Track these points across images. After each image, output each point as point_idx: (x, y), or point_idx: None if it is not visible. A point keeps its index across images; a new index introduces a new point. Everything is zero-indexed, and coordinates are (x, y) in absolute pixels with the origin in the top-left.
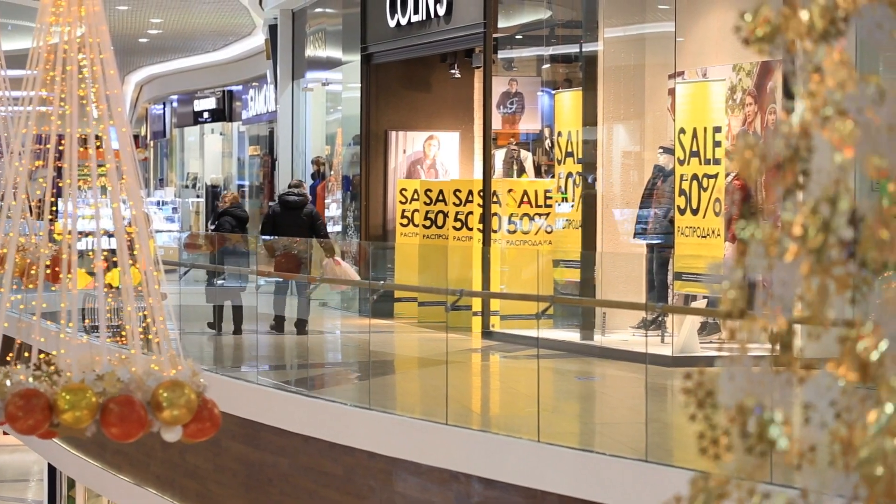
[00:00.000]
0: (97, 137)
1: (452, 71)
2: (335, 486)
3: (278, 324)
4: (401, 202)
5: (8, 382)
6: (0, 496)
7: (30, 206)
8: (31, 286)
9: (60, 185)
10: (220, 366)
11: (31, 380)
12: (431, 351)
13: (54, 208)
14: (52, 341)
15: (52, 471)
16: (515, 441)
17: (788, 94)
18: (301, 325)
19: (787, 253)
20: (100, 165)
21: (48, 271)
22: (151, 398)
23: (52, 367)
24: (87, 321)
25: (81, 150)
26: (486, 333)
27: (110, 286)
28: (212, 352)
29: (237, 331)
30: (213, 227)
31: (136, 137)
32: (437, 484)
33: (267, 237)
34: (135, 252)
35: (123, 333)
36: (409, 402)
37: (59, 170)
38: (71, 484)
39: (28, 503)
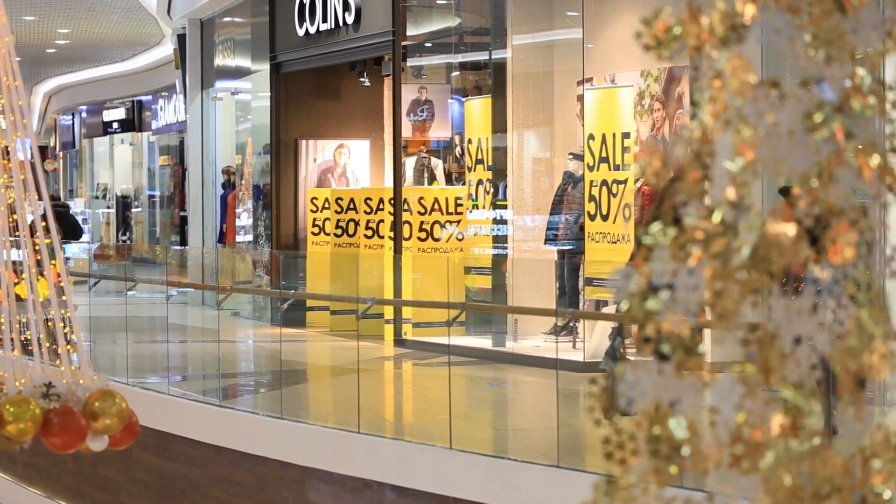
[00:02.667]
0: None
1: (362, 79)
2: (248, 497)
3: None
4: (312, 211)
5: None
6: None
7: None
8: None
9: None
10: (131, 376)
11: None
12: (343, 359)
13: None
14: None
15: None
16: (428, 448)
17: (693, 100)
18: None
19: (691, 258)
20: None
21: None
22: (84, 408)
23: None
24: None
25: None
26: (398, 341)
27: (18, 297)
28: (123, 362)
29: None
30: None
31: (45, 148)
32: (350, 492)
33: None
34: (48, 263)
35: (31, 348)
36: (321, 411)
37: None
38: None
39: None
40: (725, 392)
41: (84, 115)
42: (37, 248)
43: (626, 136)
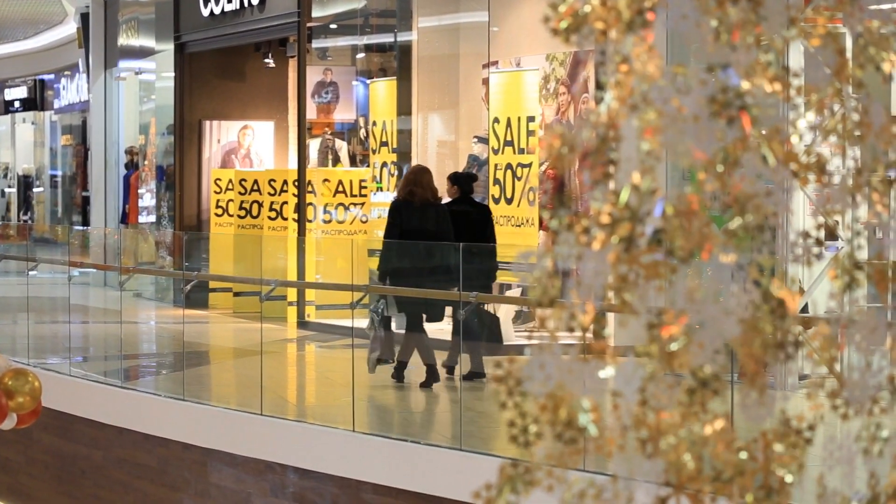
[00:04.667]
0: None
1: (267, 60)
2: (149, 478)
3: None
4: (215, 192)
5: None
6: None
7: None
8: None
9: None
10: (32, 357)
11: None
12: (246, 341)
13: None
14: None
15: None
16: (331, 431)
17: (599, 84)
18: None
19: (596, 241)
20: None
21: None
22: None
23: None
24: None
25: None
26: (302, 323)
27: None
28: (24, 343)
29: None
30: None
31: None
32: (253, 474)
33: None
34: None
35: None
36: (224, 392)
37: None
38: None
39: None
40: (629, 376)
41: None
42: None
43: (531, 119)
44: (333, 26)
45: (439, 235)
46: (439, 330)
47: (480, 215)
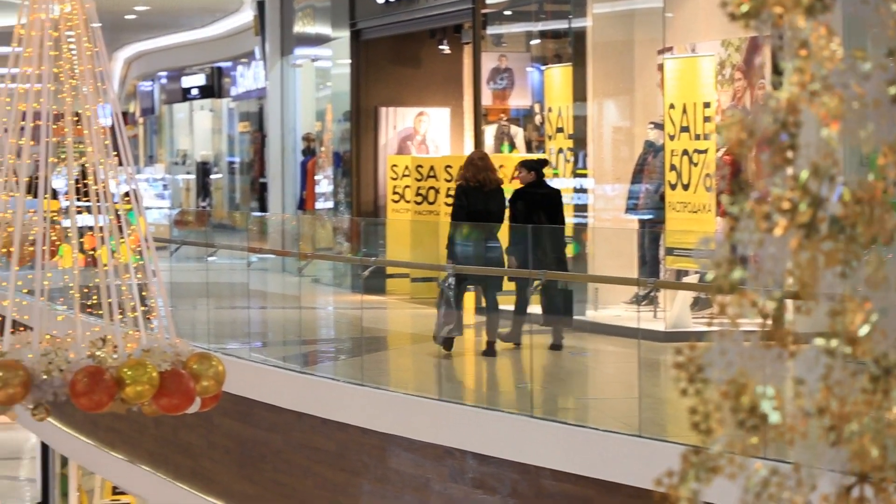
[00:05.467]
0: (77, 114)
1: (442, 47)
2: (328, 463)
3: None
4: (392, 178)
5: (66, 361)
6: None
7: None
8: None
9: (54, 162)
10: (212, 342)
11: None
12: (424, 327)
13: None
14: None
15: (44, 449)
16: (509, 416)
17: (776, 69)
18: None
19: (777, 228)
20: (90, 143)
21: (32, 248)
22: (115, 374)
23: (108, 344)
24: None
25: (74, 127)
26: (479, 309)
27: (97, 263)
28: (203, 328)
29: None
30: None
31: (125, 114)
32: (431, 460)
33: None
34: (127, 229)
35: (120, 311)
36: (402, 377)
37: (53, 148)
38: (64, 462)
39: (20, 481)
40: (811, 363)
41: (164, 81)
42: (119, 213)
43: (706, 105)
44: (508, 13)
45: (500, 217)
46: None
47: (553, 198)
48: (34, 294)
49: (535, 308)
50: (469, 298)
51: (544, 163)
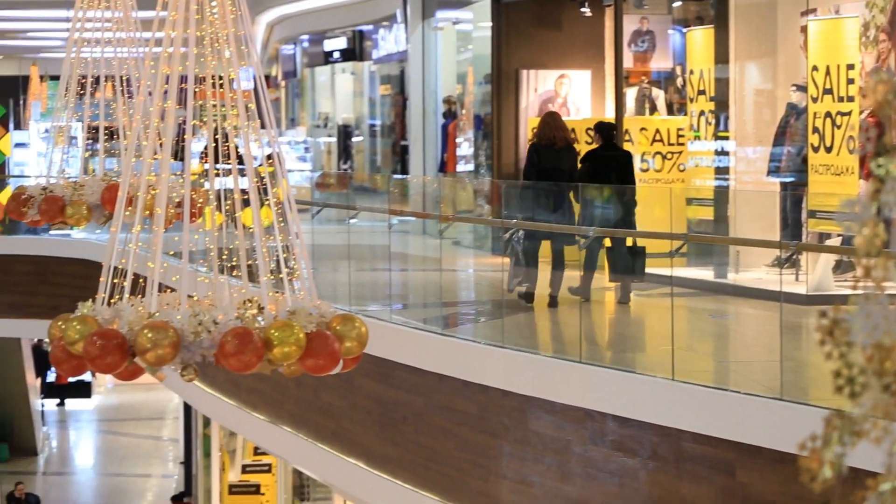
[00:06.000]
0: (220, 77)
1: (583, 9)
2: (469, 425)
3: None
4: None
5: (214, 322)
6: (136, 434)
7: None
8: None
9: (197, 125)
10: (353, 304)
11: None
12: (564, 289)
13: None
14: (193, 281)
15: (187, 409)
16: (650, 379)
17: None
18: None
19: None
20: (233, 106)
21: (177, 210)
22: (263, 336)
23: (254, 306)
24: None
25: (215, 90)
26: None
27: (243, 226)
28: (344, 290)
29: None
30: None
31: (267, 77)
32: (572, 422)
33: None
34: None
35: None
36: (543, 340)
37: (197, 111)
38: (206, 422)
39: (164, 441)
40: None
41: (305, 44)
42: (262, 176)
43: (850, 67)
44: None
45: (571, 175)
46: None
47: (623, 160)
48: (179, 256)
49: (681, 270)
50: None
51: (612, 126)
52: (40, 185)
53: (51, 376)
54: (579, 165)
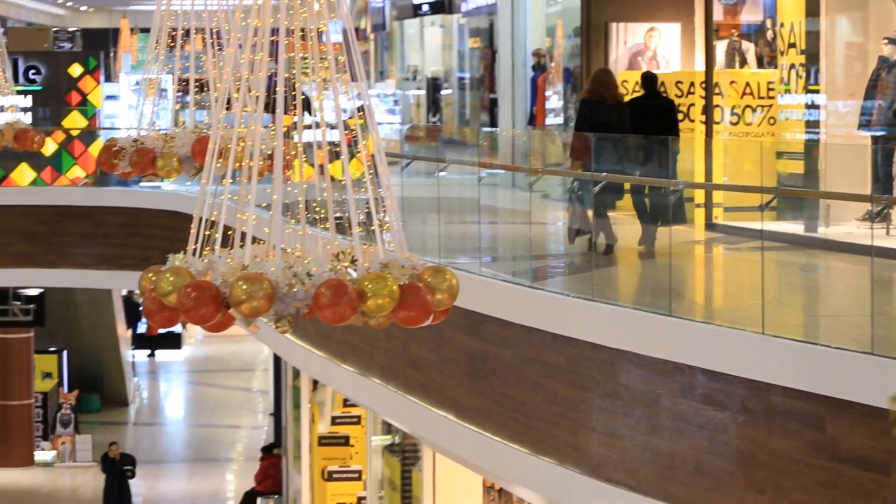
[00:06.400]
0: (310, 30)
1: None
2: (558, 378)
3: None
4: (622, 94)
5: (308, 274)
6: (225, 385)
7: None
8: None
9: (289, 78)
10: (442, 257)
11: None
12: (655, 242)
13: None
14: (284, 233)
15: (277, 361)
16: (739, 333)
17: None
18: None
19: None
20: (323, 59)
21: (268, 163)
22: (357, 288)
23: (348, 258)
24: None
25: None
26: (709, 226)
27: (333, 179)
28: (433, 243)
29: None
30: None
31: (356, 30)
32: (661, 375)
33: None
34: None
35: (347, 225)
36: (632, 293)
37: (287, 63)
38: (296, 374)
39: (253, 392)
40: None
41: None
42: (352, 129)
43: None
44: None
45: (619, 130)
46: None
47: (666, 109)
48: (271, 209)
49: (771, 224)
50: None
51: (655, 77)
52: (131, 138)
53: (141, 328)
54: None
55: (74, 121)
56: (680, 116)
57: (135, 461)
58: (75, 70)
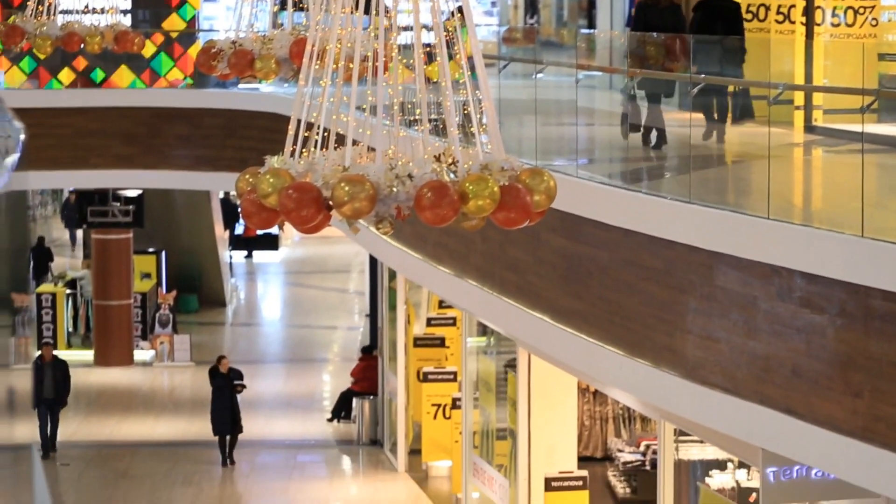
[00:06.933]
0: None
1: None
2: (655, 280)
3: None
4: None
5: (409, 176)
6: (322, 286)
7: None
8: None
9: None
10: (539, 159)
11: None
12: (753, 145)
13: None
14: (377, 135)
15: (373, 263)
16: (839, 236)
17: None
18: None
19: None
20: None
21: (365, 65)
22: (459, 189)
23: (450, 159)
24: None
25: None
26: (809, 128)
27: (429, 80)
28: (530, 145)
29: None
30: None
31: None
32: (759, 278)
33: None
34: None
35: (441, 127)
36: (730, 195)
37: None
38: (392, 275)
39: (350, 294)
40: None
41: None
42: (449, 31)
43: None
44: None
45: (676, 32)
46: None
47: (731, 9)
48: (364, 111)
49: (871, 127)
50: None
51: None
52: (229, 40)
53: (239, 229)
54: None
55: (173, 23)
56: (780, 18)
57: (242, 375)
58: None
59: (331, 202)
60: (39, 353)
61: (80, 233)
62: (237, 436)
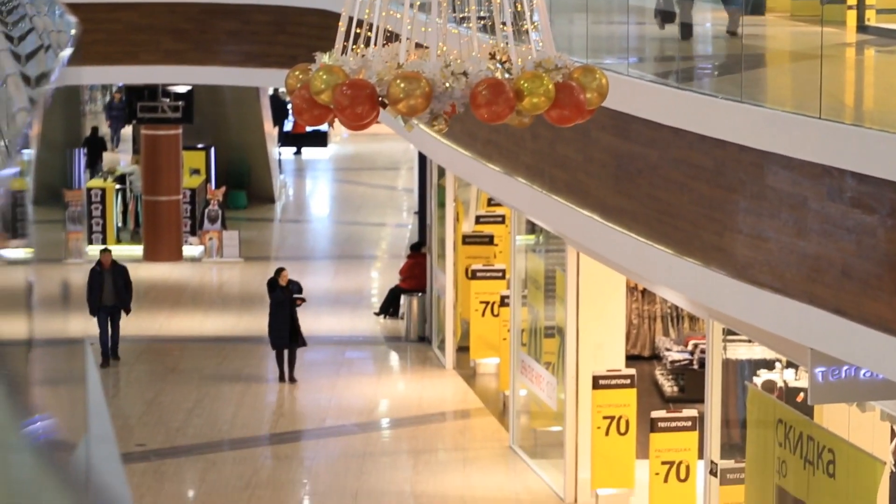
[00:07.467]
0: None
1: None
2: (705, 179)
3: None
4: None
5: (464, 73)
6: (371, 183)
7: None
8: None
9: None
10: (589, 57)
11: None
12: (805, 44)
13: None
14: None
15: (422, 160)
16: (890, 136)
17: None
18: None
19: None
20: None
21: None
22: (514, 86)
23: (504, 58)
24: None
25: None
26: (862, 28)
27: None
28: (580, 43)
29: None
30: None
31: None
32: (809, 178)
33: None
34: None
35: (490, 24)
36: (781, 95)
37: None
38: (441, 173)
39: (398, 191)
40: None
41: None
42: None
43: None
44: None
45: None
46: None
47: None
48: (418, 7)
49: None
50: None
51: None
52: None
53: (288, 125)
54: None
55: None
56: None
57: (301, 288)
58: None
59: (385, 99)
60: (97, 259)
61: (123, 131)
62: (296, 351)
